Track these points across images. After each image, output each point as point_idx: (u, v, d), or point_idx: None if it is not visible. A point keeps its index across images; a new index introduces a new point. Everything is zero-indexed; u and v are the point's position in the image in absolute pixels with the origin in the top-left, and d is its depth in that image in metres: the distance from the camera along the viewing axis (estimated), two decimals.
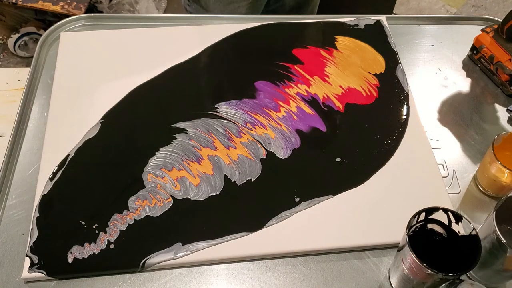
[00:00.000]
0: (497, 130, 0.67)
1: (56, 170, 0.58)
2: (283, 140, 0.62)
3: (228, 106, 0.65)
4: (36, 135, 0.63)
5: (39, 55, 0.72)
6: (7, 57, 1.70)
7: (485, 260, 0.48)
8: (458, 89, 0.72)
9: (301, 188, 0.58)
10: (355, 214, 0.56)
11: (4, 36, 1.69)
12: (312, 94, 0.67)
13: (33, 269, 0.51)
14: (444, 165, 0.63)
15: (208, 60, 0.71)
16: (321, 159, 0.61)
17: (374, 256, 0.54)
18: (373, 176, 0.59)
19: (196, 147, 0.61)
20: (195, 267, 0.53)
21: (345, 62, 0.71)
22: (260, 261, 0.54)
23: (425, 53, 0.76)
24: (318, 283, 0.52)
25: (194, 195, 0.57)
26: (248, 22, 0.76)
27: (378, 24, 0.77)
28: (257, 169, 0.59)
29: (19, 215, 0.56)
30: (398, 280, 0.49)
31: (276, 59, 0.71)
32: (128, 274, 0.52)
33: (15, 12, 1.64)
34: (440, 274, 0.41)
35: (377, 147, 0.62)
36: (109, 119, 0.63)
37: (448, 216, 0.46)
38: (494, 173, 0.56)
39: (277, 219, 0.55)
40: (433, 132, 0.66)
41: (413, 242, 0.43)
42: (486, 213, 0.59)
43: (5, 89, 0.74)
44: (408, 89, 0.69)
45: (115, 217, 0.55)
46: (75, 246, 0.52)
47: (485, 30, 0.72)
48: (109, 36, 0.73)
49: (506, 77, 0.69)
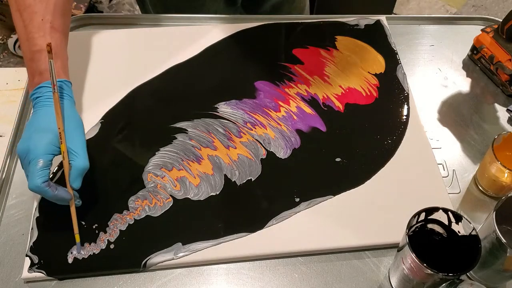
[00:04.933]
0: (497, 130, 0.67)
1: (56, 170, 0.58)
2: (283, 140, 0.62)
3: (228, 106, 0.65)
4: None
5: None
6: (7, 57, 1.70)
7: (485, 260, 0.48)
8: (458, 89, 0.72)
9: (301, 188, 0.58)
10: (355, 214, 0.56)
11: (4, 36, 1.69)
12: (312, 94, 0.67)
13: (33, 269, 0.51)
14: (444, 165, 0.63)
15: (208, 60, 0.71)
16: (321, 159, 0.61)
17: (374, 256, 0.54)
18: (373, 176, 0.59)
19: (196, 147, 0.61)
20: (195, 267, 0.53)
21: (345, 62, 0.71)
22: (260, 261, 0.54)
23: (425, 53, 0.76)
24: (318, 283, 0.52)
25: (194, 195, 0.57)
26: (248, 22, 0.76)
27: (378, 24, 0.77)
28: (257, 169, 0.59)
29: (19, 215, 0.56)
30: (398, 280, 0.49)
31: (276, 59, 0.71)
32: (128, 274, 0.52)
33: None
34: (440, 274, 0.41)
35: (377, 147, 0.62)
36: (109, 119, 0.63)
37: (448, 216, 0.46)
38: (494, 173, 0.56)
39: (277, 219, 0.55)
40: (433, 132, 0.66)
41: (413, 242, 0.43)
42: (486, 213, 0.59)
43: (5, 89, 0.74)
44: (408, 89, 0.69)
45: (115, 217, 0.55)
46: (75, 246, 0.52)
47: (485, 30, 0.72)
48: (109, 36, 0.73)
49: (506, 77, 0.69)
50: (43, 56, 0.52)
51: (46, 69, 0.52)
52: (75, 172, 0.51)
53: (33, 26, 0.54)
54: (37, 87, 0.53)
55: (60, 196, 0.49)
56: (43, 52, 0.53)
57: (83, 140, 0.53)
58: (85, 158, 0.51)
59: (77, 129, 0.53)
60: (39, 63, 0.53)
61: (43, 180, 0.48)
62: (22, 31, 0.54)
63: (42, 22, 0.54)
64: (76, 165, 0.51)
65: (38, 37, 0.53)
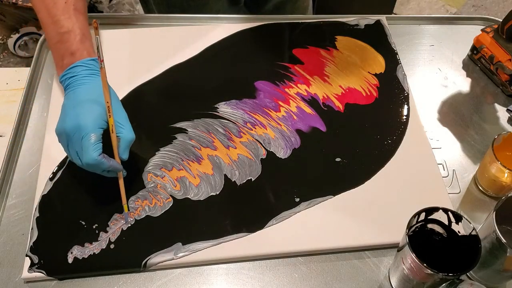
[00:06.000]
0: (497, 130, 0.67)
1: (56, 170, 0.58)
2: (283, 140, 0.62)
3: (228, 106, 0.65)
4: (36, 135, 0.63)
5: (39, 55, 0.72)
6: (7, 57, 1.70)
7: (485, 260, 0.48)
8: (458, 89, 0.72)
9: (301, 188, 0.58)
10: (355, 214, 0.56)
11: (4, 36, 1.69)
12: (312, 94, 0.67)
13: (33, 269, 0.51)
14: (444, 165, 0.63)
15: (208, 60, 0.71)
16: (321, 159, 0.61)
17: (374, 256, 0.54)
18: (373, 176, 0.59)
19: (196, 147, 0.61)
20: (195, 267, 0.53)
21: (345, 62, 0.71)
22: (260, 261, 0.54)
23: (425, 53, 0.76)
24: (318, 283, 0.52)
25: (194, 195, 0.57)
26: (248, 22, 0.76)
27: (378, 24, 0.77)
28: (257, 169, 0.59)
29: (19, 215, 0.56)
30: (398, 280, 0.49)
31: (276, 59, 0.71)
32: (128, 274, 0.52)
33: (15, 12, 1.64)
34: (440, 274, 0.41)
35: (377, 147, 0.62)
36: None
37: (448, 216, 0.46)
38: (494, 173, 0.56)
39: (277, 219, 0.55)
40: (433, 132, 0.66)
41: (413, 242, 0.43)
42: (486, 213, 0.59)
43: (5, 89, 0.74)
44: (408, 89, 0.69)
45: (115, 217, 0.55)
46: (75, 246, 0.52)
47: (485, 30, 0.72)
48: (109, 36, 0.72)
49: (506, 77, 0.69)
50: (71, 37, 0.55)
51: (77, 49, 0.55)
52: (124, 144, 0.53)
53: (57, 9, 0.56)
54: (70, 67, 0.55)
55: (114, 167, 0.52)
56: (71, 33, 0.55)
57: (125, 113, 0.55)
58: (131, 129, 0.54)
59: (118, 102, 0.55)
60: (68, 44, 0.55)
61: (99, 153, 0.50)
62: (46, 15, 0.56)
63: (66, 5, 0.56)
64: (124, 137, 0.53)
65: (64, 19, 0.56)
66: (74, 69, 0.54)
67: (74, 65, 0.55)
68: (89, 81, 0.54)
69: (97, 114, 0.51)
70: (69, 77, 0.54)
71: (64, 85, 0.55)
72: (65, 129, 0.51)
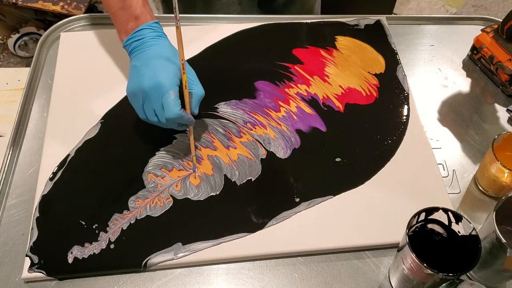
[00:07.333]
0: (497, 130, 0.67)
1: (56, 170, 0.58)
2: (283, 140, 0.62)
3: (228, 106, 0.65)
4: (36, 135, 0.63)
5: (39, 55, 0.72)
6: (7, 57, 1.70)
7: (485, 260, 0.48)
8: (458, 89, 0.72)
9: (301, 188, 0.58)
10: (355, 214, 0.56)
11: (4, 36, 1.69)
12: (312, 94, 0.67)
13: (33, 269, 0.51)
14: (444, 165, 0.63)
15: (208, 60, 0.71)
16: (321, 159, 0.61)
17: (374, 256, 0.54)
18: (373, 176, 0.59)
19: (196, 147, 0.61)
20: (195, 267, 0.53)
21: (345, 62, 0.71)
22: (260, 261, 0.54)
23: (425, 53, 0.76)
24: (318, 283, 0.52)
25: (194, 195, 0.57)
26: (248, 22, 0.76)
27: (378, 24, 0.77)
28: (257, 169, 0.59)
29: (19, 215, 0.56)
30: (398, 280, 0.49)
31: (276, 59, 0.71)
32: (128, 274, 0.52)
33: (15, 12, 1.64)
34: (440, 274, 0.41)
35: (377, 147, 0.62)
36: (109, 119, 0.63)
37: (448, 216, 0.46)
38: (494, 173, 0.56)
39: (277, 219, 0.55)
40: (433, 132, 0.66)
41: (413, 242, 0.43)
42: (486, 213, 0.59)
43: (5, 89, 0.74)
44: (408, 89, 0.69)
45: (115, 217, 0.55)
46: (75, 246, 0.52)
47: (485, 30, 0.72)
48: (109, 36, 0.72)
49: (506, 77, 0.69)
50: (134, 2, 0.57)
51: (142, 13, 0.57)
52: (195, 99, 0.57)
53: None
54: (136, 30, 0.57)
55: (191, 120, 0.55)
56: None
57: (193, 71, 0.58)
58: (201, 86, 0.57)
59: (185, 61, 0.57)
60: (131, 9, 0.57)
61: (180, 108, 0.53)
62: None
63: None
64: (196, 93, 0.56)
65: None
66: (140, 32, 0.57)
67: (140, 28, 0.57)
68: (157, 42, 0.57)
69: (173, 72, 0.54)
70: (135, 40, 0.57)
71: (130, 49, 0.57)
72: (142, 88, 0.53)
